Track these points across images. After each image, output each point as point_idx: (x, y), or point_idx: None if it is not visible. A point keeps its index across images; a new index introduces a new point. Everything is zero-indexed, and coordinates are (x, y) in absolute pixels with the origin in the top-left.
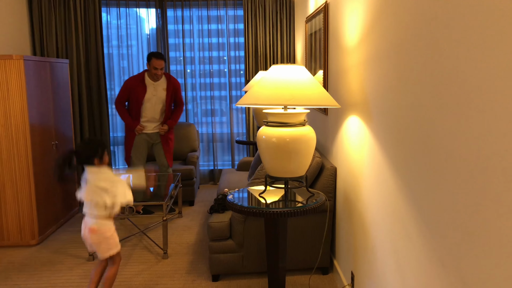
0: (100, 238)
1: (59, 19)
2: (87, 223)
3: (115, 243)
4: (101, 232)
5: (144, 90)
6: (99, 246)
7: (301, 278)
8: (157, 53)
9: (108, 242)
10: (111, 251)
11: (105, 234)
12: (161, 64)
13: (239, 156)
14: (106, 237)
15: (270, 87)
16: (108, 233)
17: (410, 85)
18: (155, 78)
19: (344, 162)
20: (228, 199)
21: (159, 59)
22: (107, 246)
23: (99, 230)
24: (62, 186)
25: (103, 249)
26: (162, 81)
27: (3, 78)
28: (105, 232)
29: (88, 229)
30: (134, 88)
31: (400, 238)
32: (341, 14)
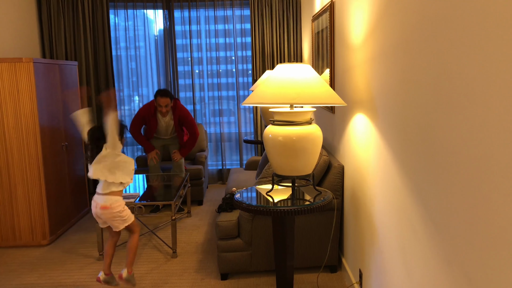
0: (114, 214)
1: (67, 22)
2: (97, 201)
3: (128, 215)
4: (113, 208)
5: (156, 122)
6: (113, 221)
7: (309, 276)
8: (162, 91)
9: (121, 215)
10: (125, 223)
11: (118, 209)
12: (165, 102)
13: (247, 156)
14: (119, 211)
15: (276, 86)
16: (120, 207)
17: (416, 83)
18: (164, 116)
19: (351, 160)
20: (236, 198)
21: (163, 97)
22: (121, 219)
23: (111, 207)
24: (72, 187)
25: (118, 223)
26: (169, 115)
27: (13, 81)
28: (117, 207)
29: (100, 207)
30: (147, 119)
31: (406, 235)
32: (346, 12)
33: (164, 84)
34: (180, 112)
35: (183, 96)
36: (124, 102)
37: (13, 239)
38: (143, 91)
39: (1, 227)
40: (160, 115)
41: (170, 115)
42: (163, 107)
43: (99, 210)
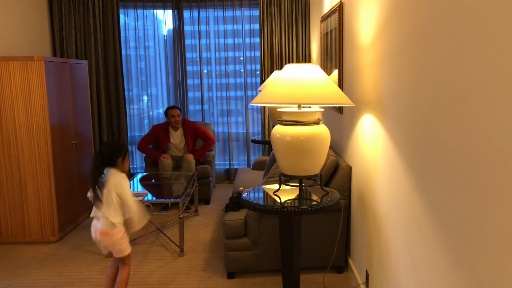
0: (113, 240)
1: (78, 21)
2: (96, 226)
3: (126, 245)
4: (112, 234)
5: (168, 138)
6: (113, 248)
7: (315, 276)
8: (171, 106)
9: (120, 243)
10: (124, 251)
11: (117, 236)
12: (176, 112)
13: (254, 156)
14: (119, 238)
15: (284, 86)
16: (119, 235)
17: (424, 83)
18: (176, 125)
19: (359, 161)
20: (243, 197)
21: (173, 108)
22: (120, 247)
23: (110, 233)
24: (81, 185)
25: (117, 251)
26: (180, 129)
27: (25, 79)
28: (117, 234)
29: (99, 233)
30: (159, 136)
31: (413, 235)
32: (355, 12)
33: (173, 83)
34: (189, 125)
35: (191, 96)
36: (133, 102)
37: (23, 235)
38: (152, 91)
39: (11, 224)
40: (173, 129)
41: (181, 131)
42: (176, 117)
43: (98, 236)
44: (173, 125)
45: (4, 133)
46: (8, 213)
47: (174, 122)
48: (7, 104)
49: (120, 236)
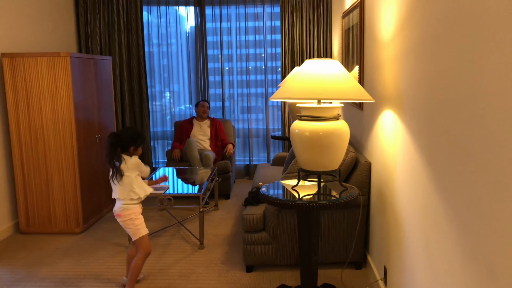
0: (126, 221)
1: (103, 18)
2: (114, 209)
3: (140, 227)
4: (124, 216)
5: (191, 126)
6: (127, 229)
7: (333, 272)
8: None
9: (133, 223)
10: (137, 233)
11: (130, 217)
12: (204, 104)
13: (274, 152)
14: (131, 219)
15: (304, 81)
16: (132, 216)
17: (443, 78)
18: (203, 115)
19: (378, 157)
20: (261, 192)
21: (202, 101)
22: (133, 228)
23: (122, 214)
24: (105, 178)
25: (131, 232)
26: (206, 121)
27: (51, 75)
28: (129, 215)
29: (115, 215)
30: (185, 126)
31: (431, 231)
32: (376, 8)
33: (194, 80)
34: (217, 121)
35: (212, 93)
36: (156, 98)
37: (49, 226)
38: (174, 87)
39: (38, 214)
40: (198, 120)
41: (208, 123)
42: (205, 108)
43: (116, 217)
44: (201, 115)
45: (32, 127)
46: (35, 204)
47: (202, 111)
48: (35, 99)
49: (133, 217)
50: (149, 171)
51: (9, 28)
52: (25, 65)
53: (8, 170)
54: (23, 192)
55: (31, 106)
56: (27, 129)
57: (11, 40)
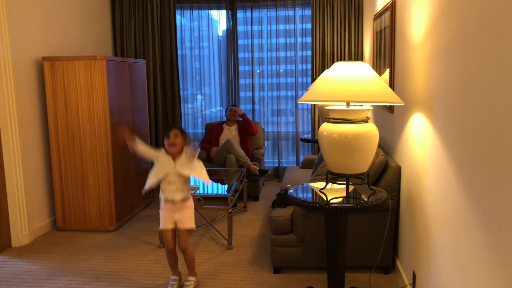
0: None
1: (137, 22)
2: None
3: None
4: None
5: (221, 130)
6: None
7: (361, 276)
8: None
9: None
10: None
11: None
12: (234, 109)
13: (304, 155)
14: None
15: (333, 83)
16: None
17: (475, 81)
18: (232, 118)
19: (408, 160)
20: (289, 193)
21: (233, 106)
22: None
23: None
24: (138, 178)
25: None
26: (234, 126)
27: (88, 77)
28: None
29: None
30: (214, 130)
31: (461, 236)
32: (407, 9)
33: (225, 83)
34: (240, 122)
35: (243, 96)
36: (188, 101)
37: (84, 223)
38: (206, 90)
39: (74, 212)
40: (227, 124)
41: (236, 127)
42: (234, 113)
43: None
44: (230, 119)
45: (69, 128)
46: (71, 202)
47: (230, 115)
48: (73, 101)
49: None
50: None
51: (50, 32)
52: (64, 68)
53: (47, 169)
54: (60, 191)
55: (68, 108)
56: (64, 129)
57: (51, 44)
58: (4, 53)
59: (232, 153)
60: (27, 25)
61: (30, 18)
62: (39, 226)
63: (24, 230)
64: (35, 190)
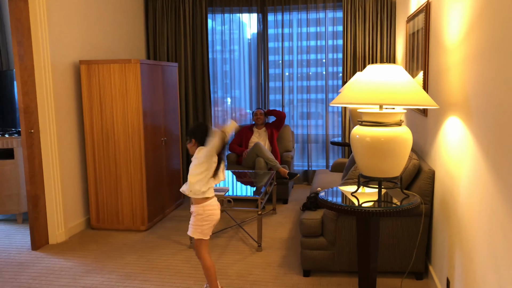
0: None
1: (170, 26)
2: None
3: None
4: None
5: (251, 133)
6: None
7: (393, 281)
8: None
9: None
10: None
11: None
12: (260, 111)
13: (333, 158)
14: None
15: (365, 86)
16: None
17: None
18: (259, 122)
19: (442, 165)
20: (320, 196)
21: (258, 109)
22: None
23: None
24: (169, 179)
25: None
26: (264, 128)
27: (123, 80)
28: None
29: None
30: (244, 133)
31: (498, 243)
32: (442, 12)
33: (255, 86)
34: (271, 127)
35: (272, 99)
36: (218, 104)
37: (117, 223)
38: (235, 93)
39: (107, 211)
40: (256, 127)
41: (265, 129)
42: (258, 115)
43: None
44: (256, 122)
45: (104, 129)
46: (105, 202)
47: (256, 119)
48: (108, 104)
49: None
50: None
51: (86, 37)
52: (99, 71)
53: (82, 169)
54: (95, 191)
55: (103, 110)
56: (99, 131)
57: (88, 48)
58: (44, 57)
59: (261, 156)
60: (65, 30)
61: (68, 23)
62: (74, 225)
63: (60, 228)
64: (71, 190)
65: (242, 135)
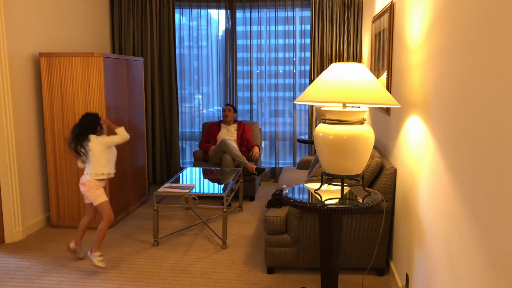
0: (87, 190)
1: (136, 20)
2: (81, 179)
3: (100, 196)
4: (88, 186)
5: (219, 129)
6: (87, 196)
7: (354, 277)
8: (226, 104)
9: (94, 193)
10: (97, 200)
11: (90, 186)
12: (228, 108)
13: (301, 156)
14: (92, 188)
15: (328, 84)
16: (92, 185)
17: (470, 85)
18: (226, 119)
19: (404, 163)
20: (283, 194)
21: (227, 105)
22: (94, 196)
23: (86, 184)
24: (133, 176)
25: (92, 198)
26: (233, 125)
27: (85, 74)
28: (92, 187)
29: (80, 183)
30: (212, 129)
31: (453, 239)
32: (405, 13)
33: (223, 83)
34: (245, 125)
35: (240, 96)
36: (185, 100)
37: (78, 220)
38: (204, 90)
39: (68, 209)
40: (225, 124)
41: (235, 126)
42: (227, 112)
43: (80, 186)
44: (224, 119)
45: (65, 124)
46: (66, 199)
47: (224, 116)
48: (69, 97)
49: (93, 186)
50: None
51: (47, 28)
52: (61, 64)
53: (42, 165)
54: (55, 187)
55: (65, 104)
56: (60, 125)
57: (48, 40)
58: (1, 48)
59: (227, 153)
60: (24, 21)
61: (28, 14)
62: (33, 223)
63: (17, 226)
64: (29, 186)
65: (210, 132)
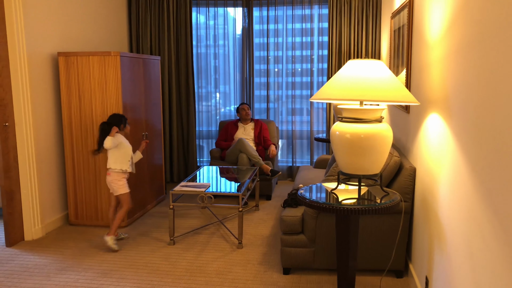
0: (111, 181)
1: (153, 19)
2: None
3: (121, 187)
4: (112, 177)
5: (236, 128)
6: (110, 186)
7: (372, 279)
8: (242, 102)
9: (117, 184)
10: (118, 191)
11: (113, 177)
12: (246, 107)
13: (318, 154)
14: (115, 179)
15: (345, 81)
16: (115, 176)
17: (493, 81)
18: (244, 118)
19: (424, 162)
20: (299, 194)
21: (243, 104)
22: (116, 187)
23: (110, 173)
24: (150, 174)
25: (114, 188)
26: (250, 124)
27: (102, 72)
28: (115, 177)
29: (107, 173)
30: (229, 128)
31: (475, 242)
32: (425, 7)
33: (240, 81)
34: (262, 123)
35: (257, 94)
36: (203, 99)
37: (96, 219)
38: (221, 88)
39: (86, 207)
40: (242, 122)
41: (252, 125)
42: (245, 110)
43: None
44: (244, 118)
45: (83, 123)
46: (84, 197)
47: (244, 114)
48: (87, 96)
49: (115, 177)
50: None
51: (65, 28)
52: (79, 63)
53: (60, 163)
54: (73, 185)
55: (82, 103)
56: (78, 124)
57: (66, 39)
58: (20, 48)
59: (243, 152)
60: (43, 21)
61: (46, 14)
62: (51, 220)
63: (36, 224)
64: (48, 185)
65: (227, 130)
